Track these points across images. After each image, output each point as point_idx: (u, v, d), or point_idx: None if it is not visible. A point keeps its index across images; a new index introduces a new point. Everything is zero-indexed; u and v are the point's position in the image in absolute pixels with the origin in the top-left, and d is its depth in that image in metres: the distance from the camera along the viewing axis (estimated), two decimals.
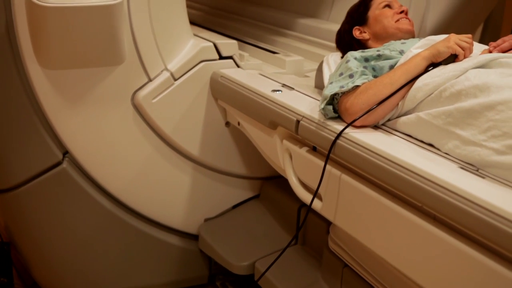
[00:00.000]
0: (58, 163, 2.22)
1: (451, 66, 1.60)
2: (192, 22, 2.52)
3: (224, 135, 2.42)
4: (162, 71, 2.23)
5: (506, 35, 1.84)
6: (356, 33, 2.07)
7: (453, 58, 1.65)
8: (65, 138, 2.20)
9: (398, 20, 2.02)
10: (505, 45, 1.68)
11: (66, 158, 2.23)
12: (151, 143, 2.31)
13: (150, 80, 2.21)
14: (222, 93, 2.26)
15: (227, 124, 2.40)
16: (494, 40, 1.74)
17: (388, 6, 2.07)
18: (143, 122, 2.26)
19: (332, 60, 2.07)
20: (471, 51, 1.67)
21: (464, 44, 1.65)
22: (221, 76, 2.25)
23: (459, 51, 1.64)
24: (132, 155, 2.30)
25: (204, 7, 3.75)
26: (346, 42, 2.11)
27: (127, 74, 2.17)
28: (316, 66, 2.23)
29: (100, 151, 2.26)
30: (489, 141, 1.38)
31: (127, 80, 2.18)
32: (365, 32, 2.06)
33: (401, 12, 2.04)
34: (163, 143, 2.33)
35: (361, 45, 2.06)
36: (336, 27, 2.25)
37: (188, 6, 2.35)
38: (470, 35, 1.69)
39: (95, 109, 2.18)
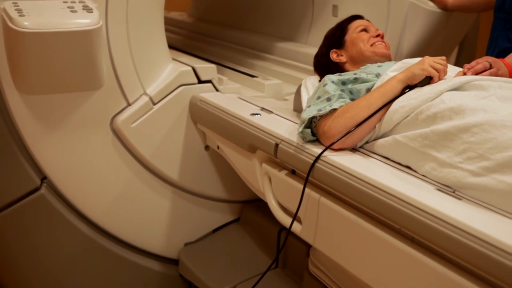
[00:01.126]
0: (36, 189, 2.20)
1: (426, 89, 1.63)
2: (171, 46, 2.53)
3: (204, 159, 2.42)
4: (141, 95, 2.23)
5: (480, 56, 1.87)
6: (333, 56, 2.09)
7: (428, 80, 1.68)
8: (43, 163, 2.18)
9: (374, 44, 2.05)
10: (479, 67, 1.71)
11: (44, 184, 2.21)
12: (130, 167, 2.30)
13: (129, 104, 2.21)
14: (201, 117, 2.27)
15: (207, 147, 2.41)
16: (470, 62, 1.77)
17: (365, 30, 2.09)
18: (122, 147, 2.26)
19: (310, 83, 2.09)
20: (445, 73, 1.70)
21: (438, 66, 1.67)
22: (200, 100, 2.26)
23: (433, 73, 1.66)
24: (111, 180, 2.29)
25: (182, 31, 3.77)
26: (323, 65, 2.13)
27: (106, 99, 2.16)
28: (294, 89, 2.24)
29: (78, 176, 2.24)
30: (465, 163, 1.40)
31: (106, 105, 2.18)
32: (342, 56, 2.08)
33: (377, 36, 2.07)
34: (142, 167, 2.32)
35: (339, 68, 2.08)
36: (314, 50, 2.27)
37: (166, 30, 2.36)
38: (444, 57, 1.72)
39: (73, 134, 2.17)
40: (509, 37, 2.05)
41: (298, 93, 2.12)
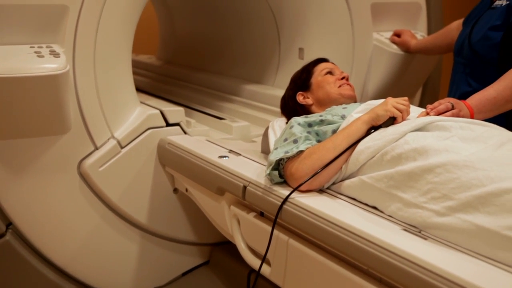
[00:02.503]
0: (1, 235, 2.16)
1: (390, 129, 1.65)
2: (139, 89, 2.54)
3: (172, 202, 2.41)
4: (108, 139, 2.22)
5: (443, 97, 1.92)
6: (299, 98, 2.12)
7: (392, 120, 1.71)
8: (9, 209, 2.15)
9: (340, 86, 2.08)
10: (441, 107, 1.75)
11: (10, 230, 2.17)
12: (98, 212, 2.27)
13: (96, 148, 2.20)
14: (170, 160, 2.27)
15: (175, 190, 2.40)
16: (433, 102, 1.81)
17: (330, 72, 2.13)
18: (89, 191, 2.24)
19: (277, 125, 2.11)
20: (408, 113, 1.73)
21: (401, 107, 1.71)
22: (168, 143, 2.26)
23: (396, 114, 1.69)
24: (78, 225, 2.26)
25: (151, 74, 3.79)
26: (290, 108, 2.15)
27: (73, 143, 2.15)
28: (262, 131, 2.26)
29: (45, 222, 2.21)
30: (429, 203, 1.42)
31: (73, 149, 2.17)
32: (308, 98, 2.11)
33: (342, 78, 2.10)
34: (110, 211, 2.30)
35: (305, 110, 2.11)
36: (281, 92, 2.30)
37: (135, 73, 2.38)
38: (406, 98, 1.76)
39: (39, 179, 2.15)
40: (469, 82, 2.11)
41: (265, 135, 2.14)
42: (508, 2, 1.98)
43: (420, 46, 2.72)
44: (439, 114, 1.73)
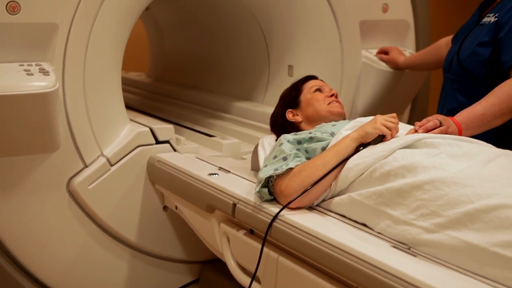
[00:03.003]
0: None
1: (379, 147, 1.66)
2: (129, 107, 2.54)
3: (162, 220, 2.40)
4: (98, 156, 2.22)
5: (432, 114, 1.93)
6: (289, 116, 2.13)
7: (381, 138, 1.72)
8: None
9: (329, 103, 2.09)
10: (429, 124, 1.76)
11: None
12: (87, 230, 2.26)
13: (86, 166, 2.20)
14: (159, 177, 2.26)
15: (165, 208, 2.39)
16: (422, 119, 1.82)
17: (319, 90, 2.14)
18: (78, 209, 2.23)
19: (267, 142, 2.11)
20: (397, 130, 1.74)
21: (390, 124, 1.72)
22: (158, 161, 2.26)
23: (385, 131, 1.70)
24: (67, 243, 2.25)
25: (141, 91, 3.79)
26: (280, 125, 2.16)
27: (62, 161, 2.15)
28: (252, 148, 2.26)
29: (33, 240, 2.20)
30: (418, 220, 1.43)
31: (62, 167, 2.16)
32: (297, 115, 2.12)
33: (331, 96, 2.11)
34: (99, 229, 2.29)
35: (294, 127, 2.11)
36: (270, 109, 2.31)
37: (124, 91, 2.38)
38: (394, 115, 1.77)
39: (28, 197, 2.14)
40: (457, 97, 2.12)
41: (255, 153, 2.14)
42: (496, 19, 2.00)
43: (409, 63, 2.74)
44: (427, 131, 1.75)
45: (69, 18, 2.07)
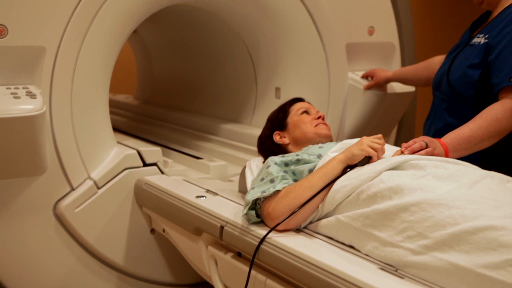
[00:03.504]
0: None
1: (366, 168, 1.67)
2: (117, 129, 2.54)
3: (149, 243, 2.39)
4: (85, 179, 2.21)
5: (419, 135, 1.94)
6: (276, 138, 2.13)
7: (367, 159, 1.72)
8: None
9: (316, 125, 2.10)
10: (416, 146, 1.77)
11: None
12: (74, 253, 2.25)
13: (72, 189, 2.19)
14: (147, 200, 2.26)
15: (152, 231, 2.38)
16: (408, 140, 1.83)
17: (306, 112, 2.15)
18: (65, 232, 2.22)
19: (254, 165, 2.12)
20: (383, 152, 1.75)
21: (376, 146, 1.73)
22: (145, 183, 2.25)
23: (372, 153, 1.71)
24: (53, 267, 2.23)
25: (128, 113, 3.79)
26: (267, 147, 2.16)
27: (48, 184, 2.14)
28: (240, 170, 2.27)
29: (19, 264, 2.18)
30: (405, 241, 1.43)
31: (49, 190, 2.15)
32: (285, 137, 2.12)
33: (318, 118, 2.12)
34: (86, 253, 2.27)
35: (282, 149, 2.12)
36: (258, 131, 2.31)
37: (112, 113, 2.38)
38: (380, 136, 1.78)
39: (14, 221, 2.12)
40: (445, 118, 2.13)
41: (242, 175, 2.14)
42: (486, 41, 2.01)
43: (400, 76, 2.74)
44: (413, 152, 1.75)
45: (56, 41, 2.08)
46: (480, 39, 2.05)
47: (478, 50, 2.02)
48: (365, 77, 2.85)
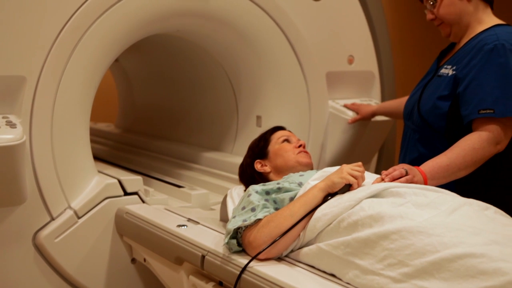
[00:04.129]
0: None
1: (346, 196, 1.68)
2: (98, 158, 2.53)
3: (130, 273, 2.37)
4: (65, 209, 2.20)
5: (399, 163, 1.96)
6: (257, 166, 2.14)
7: (348, 187, 1.73)
8: None
9: (297, 154, 2.11)
10: (396, 173, 1.79)
11: None
12: (53, 284, 2.22)
13: (52, 219, 2.17)
14: (127, 229, 2.24)
15: (133, 260, 2.36)
16: (388, 168, 1.84)
17: (287, 140, 2.17)
18: (44, 263, 2.19)
19: (236, 193, 2.12)
20: (363, 179, 1.77)
21: (356, 174, 1.74)
22: (126, 213, 2.24)
23: (352, 180, 1.72)
24: None
25: (109, 142, 3.79)
26: (248, 175, 2.17)
27: (28, 214, 2.12)
28: (221, 198, 2.26)
29: None
30: (386, 269, 1.44)
31: (28, 220, 2.13)
32: (266, 166, 2.13)
33: (299, 146, 2.14)
34: (67, 283, 2.25)
35: (263, 178, 2.13)
36: (239, 159, 2.32)
37: (93, 142, 2.37)
38: (360, 164, 1.79)
39: None
40: (418, 148, 2.16)
41: (224, 203, 2.14)
42: (454, 73, 2.05)
43: (385, 110, 2.77)
44: (393, 180, 1.77)
45: (37, 71, 2.08)
46: (448, 70, 2.09)
47: (447, 82, 2.06)
48: (347, 107, 2.87)
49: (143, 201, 2.36)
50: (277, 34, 2.68)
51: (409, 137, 2.23)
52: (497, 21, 2.11)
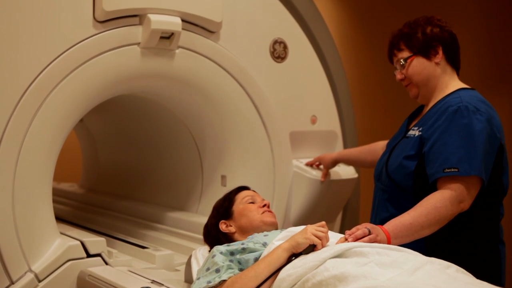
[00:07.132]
0: None
1: (311, 256, 1.69)
2: (61, 218, 2.49)
3: None
4: (25, 272, 2.15)
5: (364, 221, 1.98)
6: (222, 227, 2.14)
7: (312, 247, 1.74)
8: None
9: (262, 213, 2.12)
10: (359, 233, 1.81)
11: None
12: None
13: (12, 283, 2.12)
14: None
15: None
16: (353, 226, 1.86)
17: (251, 200, 2.17)
18: None
19: (200, 254, 2.11)
20: (327, 239, 1.78)
21: (320, 234, 1.75)
22: (89, 275, 2.20)
23: (316, 241, 1.73)
24: None
25: (73, 202, 3.74)
26: (213, 236, 2.16)
27: None
28: (186, 259, 2.24)
29: None
30: None
31: None
32: (231, 226, 2.13)
33: (263, 206, 2.15)
34: None
35: (228, 238, 2.12)
36: (204, 219, 2.31)
37: (56, 202, 2.34)
38: (323, 223, 1.81)
39: None
40: (388, 208, 2.19)
41: (188, 264, 2.13)
42: (420, 133, 2.11)
43: (345, 157, 2.81)
44: (357, 239, 1.79)
45: None
46: (415, 132, 2.15)
47: (413, 142, 2.12)
48: (310, 165, 2.91)
49: (106, 263, 2.32)
50: (241, 95, 2.72)
51: (379, 197, 2.26)
52: (461, 85, 2.19)
